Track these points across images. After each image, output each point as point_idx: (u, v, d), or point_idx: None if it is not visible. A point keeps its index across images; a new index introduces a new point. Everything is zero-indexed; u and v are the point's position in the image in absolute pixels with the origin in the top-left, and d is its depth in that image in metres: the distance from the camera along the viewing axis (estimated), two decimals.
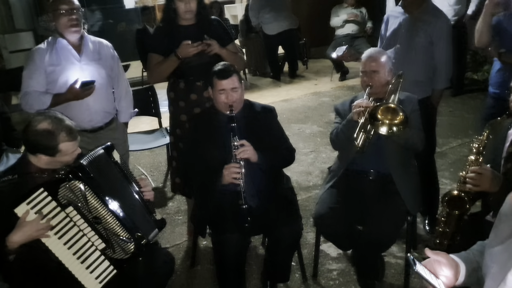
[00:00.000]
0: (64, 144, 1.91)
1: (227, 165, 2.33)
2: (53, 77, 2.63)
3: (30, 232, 1.75)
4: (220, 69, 2.44)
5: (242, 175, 2.29)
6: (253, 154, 2.36)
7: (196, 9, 2.76)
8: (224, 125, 2.43)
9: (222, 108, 2.46)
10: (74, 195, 1.86)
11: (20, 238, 1.74)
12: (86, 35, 2.76)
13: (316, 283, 2.72)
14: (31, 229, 1.75)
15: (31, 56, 2.68)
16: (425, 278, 1.35)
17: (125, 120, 3.01)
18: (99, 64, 2.74)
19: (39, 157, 1.93)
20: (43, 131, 1.89)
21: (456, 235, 2.01)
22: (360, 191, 2.55)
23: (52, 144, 1.89)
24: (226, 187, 2.37)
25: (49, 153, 1.91)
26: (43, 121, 1.91)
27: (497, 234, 1.36)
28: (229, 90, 2.40)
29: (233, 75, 2.42)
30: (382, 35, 3.14)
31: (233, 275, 2.42)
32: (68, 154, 1.94)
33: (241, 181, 2.29)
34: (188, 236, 3.23)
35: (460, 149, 4.47)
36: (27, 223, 1.75)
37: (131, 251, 1.95)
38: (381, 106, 2.30)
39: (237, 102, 2.43)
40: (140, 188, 2.12)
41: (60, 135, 1.90)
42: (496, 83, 2.95)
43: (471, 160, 1.99)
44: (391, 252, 2.87)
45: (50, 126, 1.90)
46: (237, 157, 2.31)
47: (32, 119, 1.93)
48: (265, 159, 2.41)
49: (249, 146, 2.35)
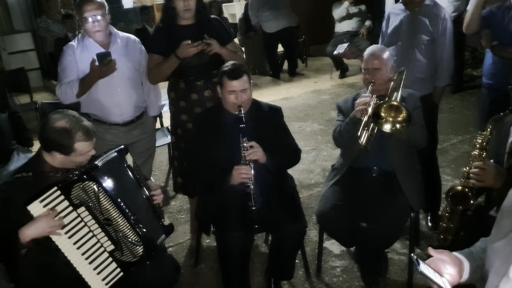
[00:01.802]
0: (79, 144, 1.92)
1: (237, 166, 2.33)
2: (84, 73, 2.68)
3: (43, 228, 1.76)
4: (231, 69, 2.40)
5: (252, 177, 2.30)
6: (262, 156, 2.36)
7: (195, 8, 2.76)
8: (231, 124, 2.44)
9: (230, 108, 2.45)
10: (87, 196, 1.86)
11: (33, 232, 1.76)
12: (114, 31, 2.81)
13: (319, 280, 2.73)
14: (44, 224, 1.76)
15: (63, 53, 2.75)
16: (429, 277, 1.35)
17: (154, 113, 3.07)
18: (127, 59, 2.78)
19: (53, 155, 1.94)
20: (60, 129, 1.89)
21: (460, 230, 2.02)
22: (363, 188, 2.56)
23: (68, 142, 1.90)
24: (232, 186, 2.37)
25: (64, 152, 1.92)
26: (61, 120, 1.91)
27: (499, 229, 1.37)
28: (239, 91, 2.38)
29: (243, 75, 2.39)
30: (383, 32, 3.14)
31: (237, 273, 2.43)
32: (82, 154, 1.95)
33: (250, 182, 2.29)
34: (191, 234, 3.24)
35: (461, 145, 4.48)
36: (41, 218, 1.76)
37: (140, 255, 1.95)
38: (384, 104, 2.31)
39: (246, 103, 2.43)
40: (150, 192, 2.13)
41: (77, 134, 1.91)
42: (489, 74, 2.99)
43: (474, 155, 1.99)
44: (394, 248, 2.88)
45: (68, 124, 1.91)
46: (247, 159, 2.32)
47: (50, 117, 1.94)
48: (273, 160, 2.42)
49: (258, 147, 2.35)
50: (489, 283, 1.33)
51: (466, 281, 1.46)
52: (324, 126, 5.24)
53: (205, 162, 2.46)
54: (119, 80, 2.74)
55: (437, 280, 1.36)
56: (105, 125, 2.79)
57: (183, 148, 2.93)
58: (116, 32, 2.83)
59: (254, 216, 2.31)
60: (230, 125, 2.45)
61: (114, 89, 2.74)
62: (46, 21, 6.82)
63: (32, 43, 8.07)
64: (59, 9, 6.90)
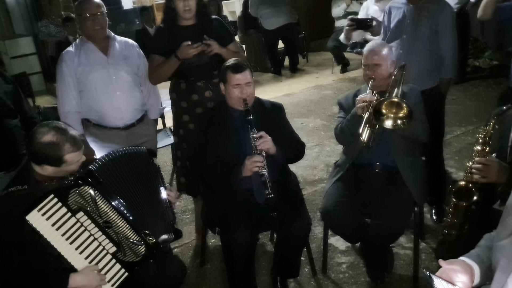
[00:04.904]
0: (69, 155, 1.91)
1: (249, 156, 2.35)
2: (83, 77, 2.73)
3: (92, 282, 1.85)
4: (234, 63, 2.46)
5: (265, 165, 2.31)
6: (272, 146, 2.38)
7: (196, 8, 2.76)
8: (237, 121, 2.46)
9: (235, 104, 2.47)
10: (84, 200, 1.87)
11: (83, 282, 1.83)
12: (112, 35, 2.83)
13: (325, 277, 2.74)
14: (95, 280, 1.85)
15: (59, 64, 2.76)
16: None
17: (155, 116, 3.10)
18: (125, 63, 2.80)
19: (44, 168, 1.93)
20: (48, 143, 1.87)
21: (464, 225, 2.01)
22: (367, 184, 2.56)
23: (57, 155, 1.89)
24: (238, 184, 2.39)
25: (54, 164, 1.91)
26: (48, 133, 1.89)
27: (504, 226, 1.37)
28: (243, 84, 2.42)
29: (246, 69, 2.45)
30: (385, 26, 3.13)
31: (242, 272, 2.44)
32: (73, 163, 1.94)
33: (264, 170, 2.31)
34: (197, 235, 3.25)
35: (464, 137, 4.46)
36: (94, 274, 1.86)
37: (142, 254, 1.96)
38: (385, 101, 2.30)
39: (250, 97, 2.45)
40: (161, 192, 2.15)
41: (65, 146, 1.89)
42: None
43: (477, 150, 1.98)
44: (399, 243, 2.88)
45: (55, 138, 1.88)
46: (258, 148, 2.33)
47: (36, 131, 1.91)
48: (282, 151, 2.44)
49: (268, 137, 2.37)
50: (495, 281, 1.33)
51: (478, 284, 1.47)
52: (327, 121, 5.23)
53: (211, 161, 2.47)
54: (118, 84, 2.76)
55: None
56: (105, 130, 2.81)
57: (185, 148, 2.94)
58: (114, 36, 2.85)
59: (270, 205, 2.31)
60: (236, 121, 2.47)
61: (114, 93, 2.76)
62: (47, 24, 6.85)
63: (33, 47, 8.11)
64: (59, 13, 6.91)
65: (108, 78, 2.74)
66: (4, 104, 2.51)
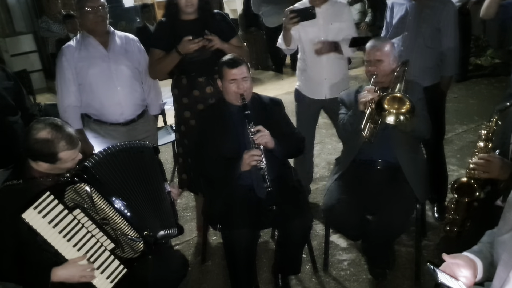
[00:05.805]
0: (64, 153, 1.89)
1: (247, 150, 2.34)
2: (83, 72, 2.72)
3: (74, 274, 1.82)
4: (230, 59, 2.46)
5: (263, 158, 2.30)
6: (270, 140, 2.37)
7: (198, 3, 2.75)
8: (235, 117, 2.45)
9: (232, 99, 2.47)
10: (81, 197, 1.86)
11: (64, 275, 1.82)
12: (112, 30, 2.83)
13: (327, 274, 2.73)
14: (77, 272, 1.83)
15: (59, 58, 2.75)
16: (450, 286, 1.36)
17: (155, 112, 3.09)
18: (126, 58, 2.79)
19: (39, 164, 1.92)
20: (42, 140, 1.85)
21: (466, 221, 2.00)
22: (368, 181, 2.55)
23: (52, 153, 1.87)
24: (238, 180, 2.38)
25: (49, 161, 1.90)
26: (43, 130, 1.87)
27: (506, 221, 1.37)
28: (240, 79, 2.41)
29: (242, 64, 2.44)
30: (387, 23, 3.12)
31: (244, 269, 2.43)
32: (68, 161, 1.92)
33: (262, 164, 2.29)
34: (198, 232, 3.25)
35: (466, 135, 4.45)
36: (77, 266, 1.83)
37: (141, 250, 1.95)
38: (388, 96, 2.29)
39: (247, 92, 2.45)
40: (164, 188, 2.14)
41: (60, 143, 1.87)
42: None
43: (479, 146, 1.98)
44: (401, 240, 2.87)
45: (50, 135, 1.86)
46: (256, 143, 2.33)
47: (32, 127, 1.90)
48: (280, 145, 2.43)
49: (265, 131, 2.36)
50: (497, 275, 1.33)
51: (481, 279, 1.47)
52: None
53: (211, 157, 2.46)
54: (119, 78, 2.75)
55: (455, 286, 1.37)
56: (106, 125, 2.80)
57: (187, 144, 2.93)
58: (114, 31, 2.84)
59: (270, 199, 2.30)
60: (234, 116, 2.46)
61: (114, 88, 2.75)
62: (47, 21, 6.82)
63: (34, 44, 8.10)
64: (59, 9, 6.90)
65: (109, 73, 2.73)
66: (4, 100, 2.50)
